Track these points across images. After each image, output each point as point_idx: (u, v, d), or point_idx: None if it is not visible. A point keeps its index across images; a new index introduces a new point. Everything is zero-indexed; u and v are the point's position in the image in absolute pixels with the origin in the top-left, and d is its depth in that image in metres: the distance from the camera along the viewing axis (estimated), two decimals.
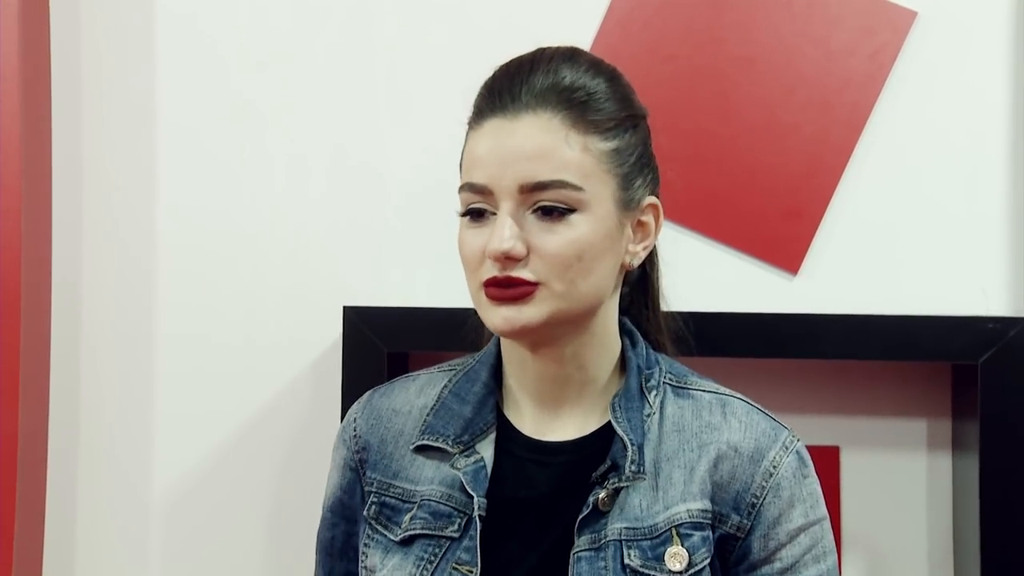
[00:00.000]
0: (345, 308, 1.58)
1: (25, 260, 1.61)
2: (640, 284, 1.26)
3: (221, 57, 1.69)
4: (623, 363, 1.22)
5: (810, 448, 1.23)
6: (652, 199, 1.19)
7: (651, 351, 1.24)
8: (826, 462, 1.62)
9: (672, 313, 1.31)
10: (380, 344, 1.55)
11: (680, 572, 1.13)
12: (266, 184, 1.68)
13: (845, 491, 1.64)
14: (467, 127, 1.16)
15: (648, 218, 1.19)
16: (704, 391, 1.21)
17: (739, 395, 1.22)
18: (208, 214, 1.68)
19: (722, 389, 1.22)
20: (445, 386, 1.24)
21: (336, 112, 1.67)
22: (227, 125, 1.68)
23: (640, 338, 1.24)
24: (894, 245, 1.62)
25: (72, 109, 1.70)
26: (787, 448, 1.18)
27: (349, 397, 1.52)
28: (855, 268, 1.62)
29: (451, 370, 1.26)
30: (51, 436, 1.69)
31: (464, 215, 1.14)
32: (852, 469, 1.64)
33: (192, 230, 1.68)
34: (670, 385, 1.21)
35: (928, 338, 1.53)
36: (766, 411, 1.21)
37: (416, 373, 1.29)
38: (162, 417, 1.68)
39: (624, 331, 1.23)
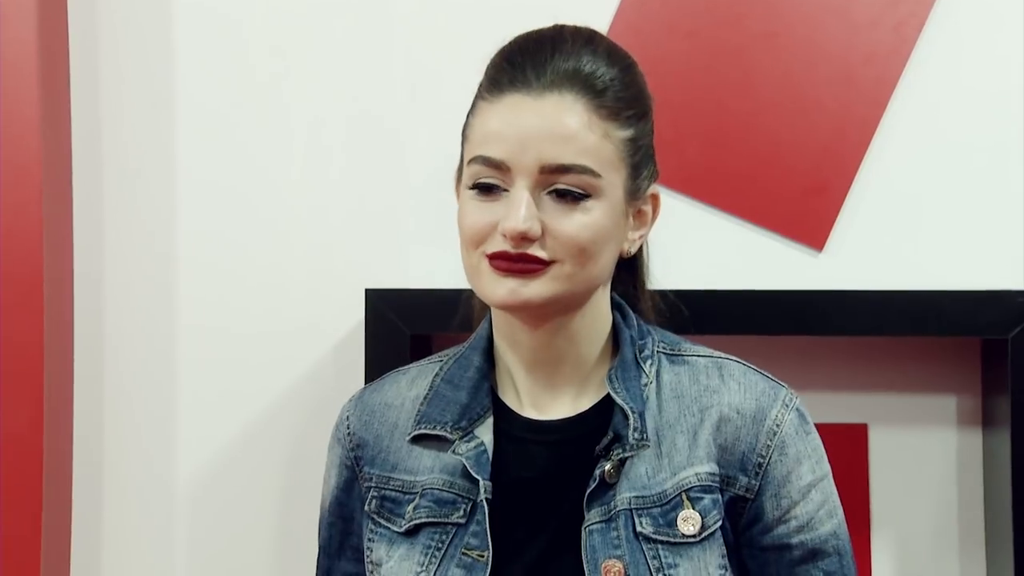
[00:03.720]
0: (367, 291, 1.57)
1: (47, 251, 1.61)
2: (627, 263, 1.25)
3: (239, 41, 1.68)
4: (615, 339, 1.22)
5: (838, 426, 1.23)
6: (654, 189, 1.20)
7: (642, 323, 1.24)
8: (854, 440, 1.62)
9: (656, 291, 1.30)
10: (403, 326, 1.55)
11: (694, 535, 1.14)
12: (286, 168, 1.67)
13: (874, 469, 1.63)
14: (478, 97, 1.15)
15: (647, 207, 1.20)
16: (699, 356, 1.22)
17: (734, 357, 1.22)
18: (228, 200, 1.68)
19: (716, 353, 1.22)
20: (436, 375, 1.24)
21: (354, 96, 1.67)
22: (246, 110, 1.68)
23: (630, 311, 1.24)
24: (920, 220, 1.60)
25: (90, 98, 1.70)
26: (787, 406, 1.19)
27: (372, 380, 1.52)
28: (881, 244, 1.61)
29: (440, 360, 1.26)
30: (76, 425, 1.69)
31: (472, 188, 1.13)
32: (880, 447, 1.63)
33: (212, 216, 1.68)
34: (664, 354, 1.22)
35: (957, 313, 1.52)
36: (762, 371, 1.22)
37: (406, 367, 1.29)
38: (185, 403, 1.68)
39: (614, 305, 1.23)
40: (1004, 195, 1.59)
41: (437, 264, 1.62)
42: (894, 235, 1.60)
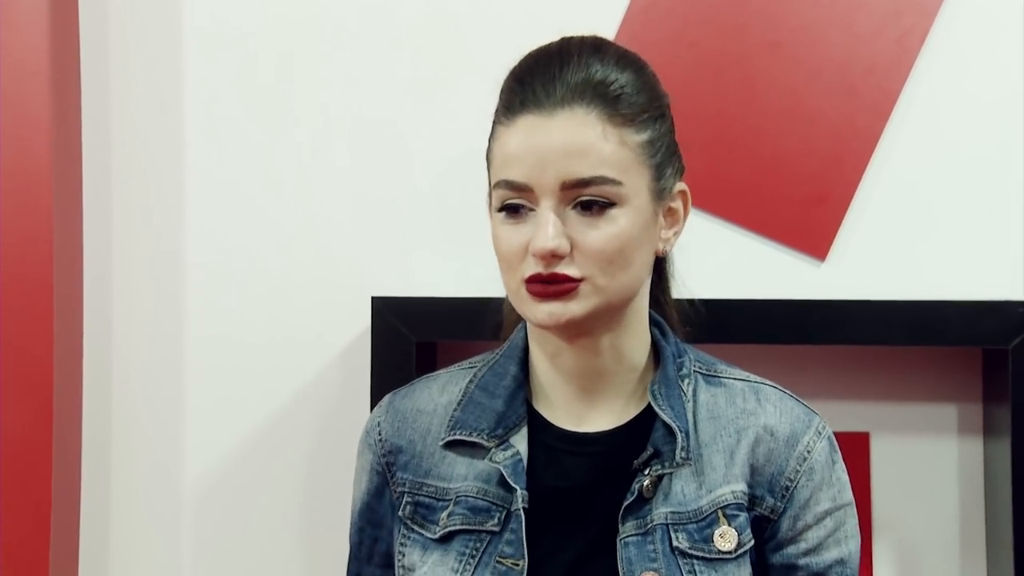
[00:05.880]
0: (373, 298, 1.58)
1: (57, 257, 1.62)
2: (654, 271, 1.26)
3: (247, 48, 1.69)
4: (654, 353, 1.23)
5: (840, 434, 1.23)
6: (681, 185, 1.20)
7: (679, 341, 1.25)
8: (856, 448, 1.62)
9: (683, 300, 1.31)
10: (408, 334, 1.56)
11: (731, 551, 1.15)
12: (292, 176, 1.68)
13: (875, 477, 1.63)
14: (495, 122, 1.16)
15: (677, 204, 1.20)
16: (735, 379, 1.23)
17: (769, 382, 1.23)
18: (236, 207, 1.69)
19: (752, 377, 1.24)
20: (470, 381, 1.24)
21: (360, 104, 1.67)
22: (253, 117, 1.69)
23: (668, 328, 1.25)
24: (922, 230, 1.61)
25: (101, 106, 1.71)
26: (820, 433, 1.20)
27: (378, 387, 1.53)
28: (883, 253, 1.61)
29: (472, 367, 1.27)
30: (84, 430, 1.70)
31: (500, 211, 1.14)
32: (882, 455, 1.63)
33: (220, 223, 1.69)
34: (700, 373, 1.22)
35: (958, 323, 1.52)
36: (797, 397, 1.23)
37: (435, 373, 1.29)
38: (193, 409, 1.69)
39: (653, 321, 1.23)
40: (1005, 205, 1.60)
41: (443, 272, 1.63)
42: (896, 245, 1.61)
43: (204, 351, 1.69)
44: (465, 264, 1.33)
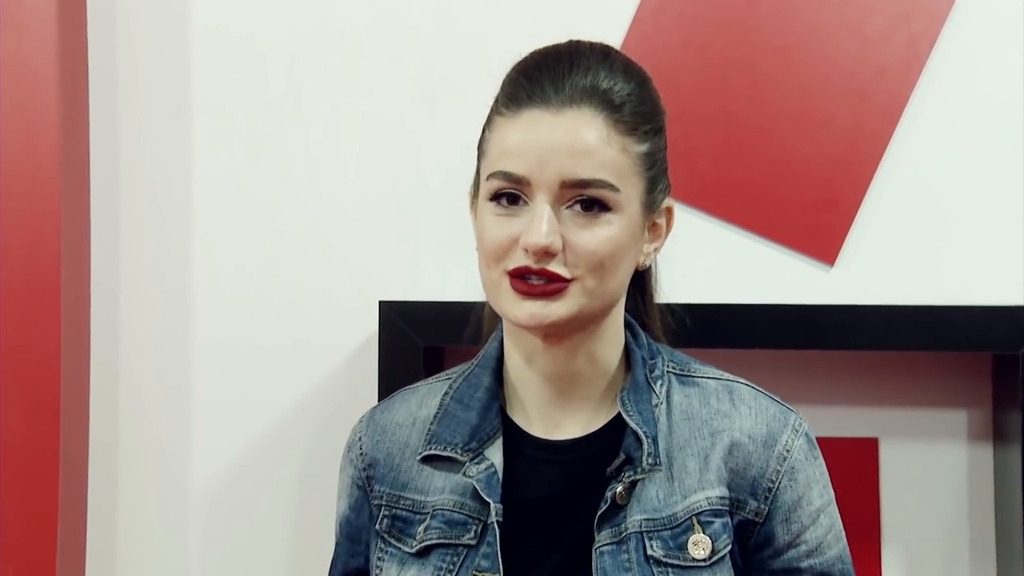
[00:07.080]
0: (381, 303, 1.58)
1: (65, 260, 1.62)
2: (635, 278, 1.25)
3: (256, 50, 1.69)
4: (626, 356, 1.22)
5: (849, 440, 1.23)
6: (669, 202, 1.20)
7: (652, 342, 1.24)
8: (865, 454, 1.62)
9: (663, 305, 1.31)
10: (416, 338, 1.56)
11: (704, 559, 1.14)
12: (301, 180, 1.68)
13: (884, 483, 1.63)
14: (494, 112, 1.16)
15: (662, 220, 1.20)
16: (708, 378, 1.22)
17: (743, 380, 1.23)
18: (243, 211, 1.69)
19: (725, 375, 1.23)
20: (446, 393, 1.24)
21: (369, 109, 1.67)
22: (261, 121, 1.69)
23: (640, 330, 1.24)
24: (932, 235, 1.61)
25: (109, 110, 1.71)
26: (797, 431, 1.19)
27: (385, 392, 1.52)
28: (892, 258, 1.61)
29: (448, 378, 1.26)
30: (92, 434, 1.70)
31: (492, 199, 1.13)
32: (891, 461, 1.63)
33: (227, 227, 1.69)
34: (673, 374, 1.22)
35: (968, 328, 1.52)
36: (770, 394, 1.22)
37: (415, 385, 1.29)
38: (200, 413, 1.69)
39: (625, 324, 1.23)
40: (1016, 210, 1.59)
41: (450, 277, 1.63)
42: (905, 250, 1.60)
43: (211, 355, 1.69)
44: (473, 269, 1.32)
